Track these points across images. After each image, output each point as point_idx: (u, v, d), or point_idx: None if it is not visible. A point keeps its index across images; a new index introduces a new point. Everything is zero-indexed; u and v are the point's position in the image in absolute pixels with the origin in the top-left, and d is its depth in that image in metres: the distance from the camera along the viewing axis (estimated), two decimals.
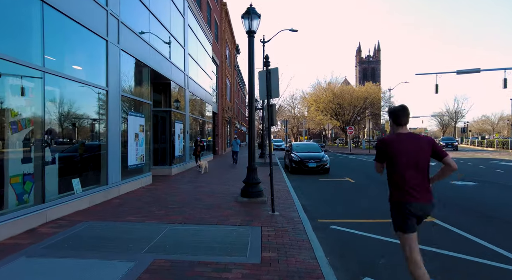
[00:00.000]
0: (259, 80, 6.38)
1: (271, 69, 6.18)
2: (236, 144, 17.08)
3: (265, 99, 6.25)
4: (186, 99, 13.99)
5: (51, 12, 5.34)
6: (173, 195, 7.86)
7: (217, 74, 26.25)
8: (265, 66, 6.21)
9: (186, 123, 13.95)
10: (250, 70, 6.95)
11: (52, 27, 5.43)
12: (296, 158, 13.77)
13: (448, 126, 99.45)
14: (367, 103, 47.71)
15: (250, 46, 7.09)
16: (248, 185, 7.22)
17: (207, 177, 11.44)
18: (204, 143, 12.68)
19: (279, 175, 12.25)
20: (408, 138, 2.75)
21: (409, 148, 2.70)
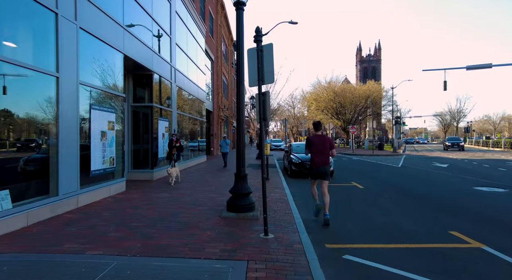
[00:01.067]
0: (248, 61, 4.91)
1: (264, 46, 4.71)
2: (225, 144, 15.14)
3: (255, 86, 4.78)
4: (173, 94, 12.50)
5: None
6: (145, 207, 6.37)
7: (212, 70, 24.76)
8: (256, 42, 4.73)
9: (173, 121, 12.46)
10: (238, 49, 5.48)
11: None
12: (296, 160, 12.28)
13: (450, 126, 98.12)
14: (369, 102, 46.22)
15: (238, 21, 5.62)
16: (235, 197, 5.74)
17: (193, 183, 9.95)
18: (181, 142, 10.49)
19: (277, 180, 10.76)
20: (318, 137, 5.98)
21: (318, 142, 5.88)
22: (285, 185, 9.67)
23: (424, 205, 7.30)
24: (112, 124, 7.65)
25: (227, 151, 15.10)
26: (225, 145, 15.15)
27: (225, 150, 15.02)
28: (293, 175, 12.39)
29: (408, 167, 16.35)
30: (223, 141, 15.31)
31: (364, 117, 46.91)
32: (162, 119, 11.25)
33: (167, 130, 11.79)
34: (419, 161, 20.76)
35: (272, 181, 10.35)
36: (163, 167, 11.44)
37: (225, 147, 15.14)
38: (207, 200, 7.22)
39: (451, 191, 9.25)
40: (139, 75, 10.44)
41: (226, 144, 15.22)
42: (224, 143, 15.23)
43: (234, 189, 5.78)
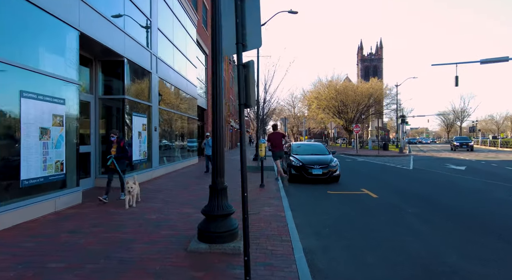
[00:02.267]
0: (223, 15, 3.21)
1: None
2: (209, 145, 11.98)
3: (233, 54, 3.10)
4: (153, 86, 10.80)
5: None
6: (88, 230, 4.66)
7: (206, 65, 23.08)
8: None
9: (153, 117, 10.76)
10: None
11: None
12: (297, 162, 10.57)
13: (453, 125, 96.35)
14: (372, 101, 44.52)
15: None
16: (209, 220, 4.04)
17: (170, 192, 8.26)
18: (124, 142, 6.91)
19: (274, 187, 9.05)
20: (275, 134, 10.03)
21: (274, 138, 9.86)
22: (283, 194, 7.96)
23: (471, 226, 5.50)
24: (60, 119, 5.95)
25: (210, 153, 12.74)
26: (209, 146, 12.07)
27: (208, 152, 11.91)
28: (293, 180, 10.69)
29: (421, 170, 14.63)
30: (206, 141, 12.40)
31: (367, 116, 45.19)
32: (138, 115, 9.55)
33: (145, 127, 10.09)
34: (430, 162, 19.04)
35: (268, 189, 8.65)
36: (141, 171, 9.74)
37: (209, 149, 12.04)
38: (179, 218, 5.52)
39: (492, 202, 7.52)
40: (109, 62, 8.75)
41: (209, 145, 12.13)
42: (208, 143, 12.25)
43: (207, 209, 4.07)
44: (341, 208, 6.99)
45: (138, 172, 9.56)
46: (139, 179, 9.43)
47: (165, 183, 9.59)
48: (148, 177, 10.26)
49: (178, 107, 14.28)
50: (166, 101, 12.52)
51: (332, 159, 10.74)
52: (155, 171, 10.79)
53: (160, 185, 9.16)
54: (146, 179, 10.11)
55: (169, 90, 12.99)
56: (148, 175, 10.22)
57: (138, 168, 9.70)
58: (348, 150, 33.92)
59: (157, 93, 11.12)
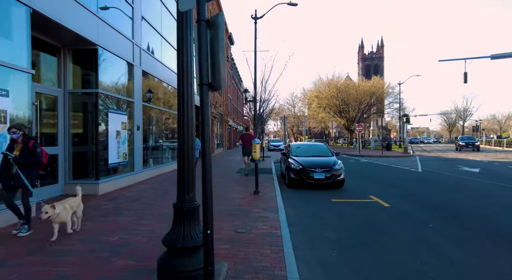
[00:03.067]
0: None
1: None
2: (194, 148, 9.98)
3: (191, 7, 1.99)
4: (136, 80, 9.66)
5: None
6: (14, 263, 3.53)
7: None
8: None
9: (135, 115, 9.62)
10: None
11: None
12: (296, 165, 9.43)
13: (455, 125, 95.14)
14: (374, 99, 43.37)
15: None
16: (173, 252, 2.89)
17: (145, 203, 7.13)
18: (35, 143, 4.50)
19: (270, 194, 7.91)
20: (247, 135, 11.91)
21: (246, 138, 11.54)
22: (279, 203, 6.81)
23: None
24: (2, 115, 4.81)
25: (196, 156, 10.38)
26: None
27: None
28: (292, 185, 9.55)
29: (432, 172, 13.49)
30: None
31: (369, 115, 44.04)
32: (116, 112, 8.41)
33: (125, 126, 8.95)
34: (439, 164, 17.88)
35: (263, 197, 7.51)
36: (119, 175, 8.61)
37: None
38: (147, 240, 4.38)
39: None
40: (80, 51, 7.60)
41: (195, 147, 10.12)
42: None
43: (169, 238, 2.92)
44: (349, 221, 5.85)
45: (117, 177, 8.43)
46: (118, 184, 8.32)
47: (146, 189, 8.45)
48: (130, 182, 9.13)
49: (167, 104, 13.14)
50: (152, 97, 11.39)
51: (336, 162, 9.59)
52: (137, 175, 9.65)
53: (140, 192, 8.01)
54: (127, 184, 8.98)
55: (156, 85, 11.85)
56: (129, 180, 9.08)
57: (116, 173, 8.56)
58: (350, 150, 32.78)
59: (140, 88, 9.98)
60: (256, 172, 7.89)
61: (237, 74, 48.92)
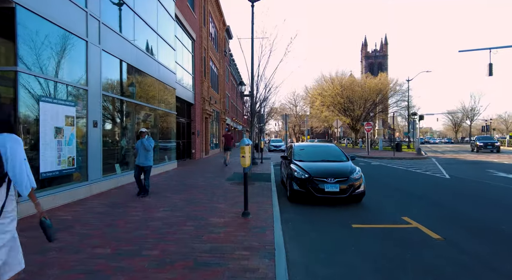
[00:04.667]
0: None
1: None
2: (144, 149, 7.23)
3: None
4: (91, 62, 7.39)
5: None
6: None
7: (193, 52, 19.69)
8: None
9: (90, 107, 7.36)
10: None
11: None
12: (301, 173, 7.13)
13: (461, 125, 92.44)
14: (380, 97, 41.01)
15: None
16: None
17: (79, 232, 4.87)
18: None
19: (265, 214, 5.64)
20: (229, 134, 15.61)
21: (228, 137, 15.33)
22: (278, 236, 4.52)
23: None
24: None
25: (149, 163, 7.28)
26: (145, 150, 7.17)
27: (143, 161, 7.19)
28: (296, 200, 7.28)
29: (463, 180, 11.17)
30: (140, 142, 7.23)
31: (375, 114, 41.66)
32: (54, 102, 6.15)
33: (73, 122, 6.69)
34: (464, 168, 15.53)
35: (255, 221, 5.23)
36: (58, 188, 6.35)
37: (144, 155, 7.19)
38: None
39: None
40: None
41: (145, 148, 7.15)
42: (142, 146, 7.17)
43: None
44: (388, 272, 3.57)
45: (56, 190, 6.17)
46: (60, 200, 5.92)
47: (95, 208, 6.18)
48: (79, 196, 6.87)
49: (144, 96, 10.89)
50: (120, 87, 9.15)
51: (353, 169, 7.30)
52: (93, 186, 7.39)
53: (83, 213, 5.74)
54: (78, 199, 6.73)
55: (127, 72, 9.59)
56: (77, 194, 6.83)
57: (61, 184, 6.31)
58: (356, 151, 30.41)
59: (98, 73, 7.72)
60: (245, 185, 5.60)
61: (236, 71, 46.64)
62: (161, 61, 12.24)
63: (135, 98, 10.05)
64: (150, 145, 7.30)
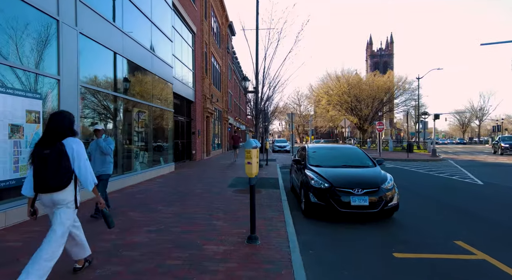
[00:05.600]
0: None
1: None
2: (100, 153, 5.33)
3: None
4: (65, 46, 6.08)
5: None
6: None
7: (193, 46, 18.41)
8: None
9: (63, 100, 6.06)
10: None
11: None
12: (321, 182, 5.78)
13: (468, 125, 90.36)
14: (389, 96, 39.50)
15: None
16: None
17: None
18: None
19: (277, 237, 4.31)
20: (237, 135, 18.57)
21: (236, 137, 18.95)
22: (298, 271, 3.19)
23: None
24: None
25: (107, 171, 5.43)
26: (100, 154, 5.34)
27: (98, 168, 5.30)
28: (313, 215, 5.94)
29: (500, 186, 9.76)
30: (94, 144, 5.38)
31: (383, 113, 40.17)
32: (6, 92, 4.86)
33: (38, 118, 5.40)
34: (489, 171, 14.08)
35: (264, 249, 3.90)
36: (15, 201, 5.06)
37: (101, 161, 5.37)
38: None
39: None
40: None
41: (101, 152, 5.32)
42: (97, 148, 5.33)
43: None
44: None
45: (8, 206, 4.87)
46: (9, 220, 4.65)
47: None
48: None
49: (136, 91, 9.60)
50: (106, 79, 7.86)
51: (385, 177, 5.94)
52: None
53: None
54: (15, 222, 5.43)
55: (114, 63, 8.29)
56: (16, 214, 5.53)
57: (12, 196, 5.01)
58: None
59: (75, 62, 6.43)
60: (251, 202, 4.25)
61: (239, 69, 45.29)
62: (156, 53, 10.95)
63: (124, 92, 8.76)
64: (109, 147, 5.26)
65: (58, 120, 2.84)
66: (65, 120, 2.86)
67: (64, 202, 2.78)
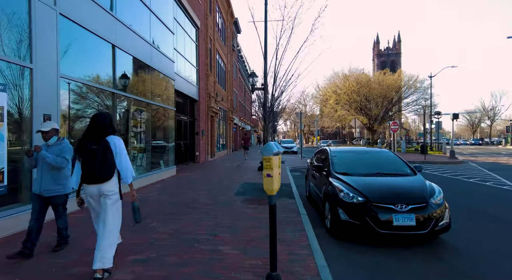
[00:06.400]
0: None
1: None
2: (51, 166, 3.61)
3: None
4: (38, 29, 5.02)
5: None
6: None
7: (197, 41, 17.36)
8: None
9: (38, 95, 5.00)
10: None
11: None
12: (353, 195, 4.62)
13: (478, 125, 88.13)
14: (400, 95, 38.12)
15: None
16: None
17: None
18: None
19: (305, 273, 3.16)
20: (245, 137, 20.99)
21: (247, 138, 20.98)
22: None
23: None
24: None
25: (62, 191, 3.76)
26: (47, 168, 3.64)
27: (48, 186, 3.64)
28: (341, 235, 4.80)
29: None
30: (43, 151, 3.57)
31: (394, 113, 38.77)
32: None
33: (1, 116, 4.35)
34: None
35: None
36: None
37: (51, 177, 3.66)
38: None
39: None
40: None
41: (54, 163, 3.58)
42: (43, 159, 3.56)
43: None
44: None
45: None
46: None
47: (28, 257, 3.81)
48: (10, 230, 4.53)
49: (132, 86, 8.55)
50: (92, 72, 6.81)
51: (432, 189, 4.79)
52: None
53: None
54: (5, 234, 4.39)
55: (104, 52, 7.24)
56: (8, 226, 4.48)
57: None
58: None
59: (54, 48, 5.37)
60: (272, 230, 3.09)
61: (244, 68, 44.18)
62: (155, 45, 9.89)
63: (119, 88, 7.71)
64: (63, 159, 3.65)
65: (101, 120, 3.15)
66: (106, 120, 3.18)
67: (109, 193, 3.10)
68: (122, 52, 7.82)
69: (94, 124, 3.15)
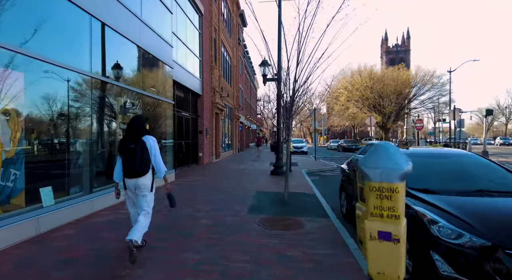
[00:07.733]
0: None
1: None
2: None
3: None
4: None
5: None
6: None
7: (200, 29, 15.50)
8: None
9: None
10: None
11: None
12: (465, 234, 2.69)
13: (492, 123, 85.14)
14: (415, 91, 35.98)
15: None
16: None
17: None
18: None
19: None
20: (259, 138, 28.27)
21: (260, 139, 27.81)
22: None
23: None
24: None
25: None
26: None
27: None
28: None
29: None
30: None
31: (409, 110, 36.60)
32: None
33: None
34: None
35: None
36: None
37: None
38: None
39: None
40: None
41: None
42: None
43: None
44: None
45: None
46: None
47: None
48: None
49: (116, 72, 6.67)
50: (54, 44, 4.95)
51: None
52: None
53: None
54: None
55: (79, 24, 5.37)
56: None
57: None
58: None
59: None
60: None
61: (250, 64, 42.25)
62: (146, 21, 8.01)
63: (98, 72, 5.84)
64: None
65: (137, 121, 3.65)
66: (140, 122, 3.67)
67: (144, 187, 3.55)
68: (98, 21, 5.94)
69: (132, 126, 3.61)
